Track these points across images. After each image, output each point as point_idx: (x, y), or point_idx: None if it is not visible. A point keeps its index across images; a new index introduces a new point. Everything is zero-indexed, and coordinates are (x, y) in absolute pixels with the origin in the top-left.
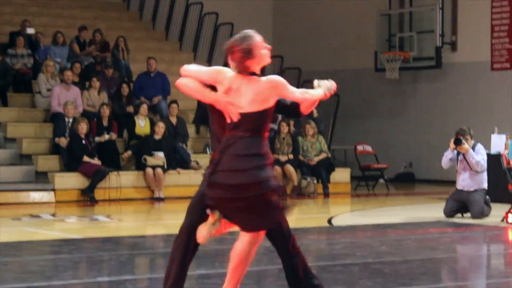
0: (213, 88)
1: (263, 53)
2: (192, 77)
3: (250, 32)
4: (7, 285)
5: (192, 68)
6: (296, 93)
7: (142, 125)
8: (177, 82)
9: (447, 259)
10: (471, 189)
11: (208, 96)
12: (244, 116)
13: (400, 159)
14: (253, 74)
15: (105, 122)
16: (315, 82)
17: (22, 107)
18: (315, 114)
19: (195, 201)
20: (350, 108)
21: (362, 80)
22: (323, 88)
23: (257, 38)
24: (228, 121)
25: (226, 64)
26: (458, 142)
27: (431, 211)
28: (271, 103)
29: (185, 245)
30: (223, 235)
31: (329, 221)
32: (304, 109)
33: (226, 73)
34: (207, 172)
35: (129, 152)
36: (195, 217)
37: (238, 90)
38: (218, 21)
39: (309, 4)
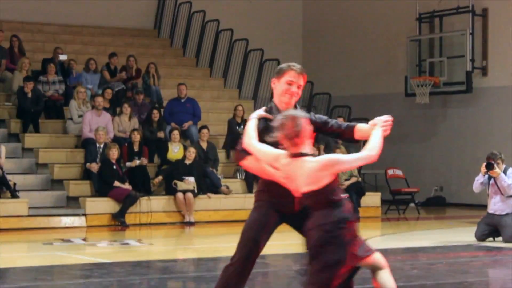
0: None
1: (310, 128)
2: (254, 156)
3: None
4: None
5: (258, 147)
6: (355, 161)
7: (175, 151)
8: (249, 146)
9: (479, 283)
10: (503, 213)
11: (270, 175)
12: (306, 195)
13: (431, 183)
14: (303, 154)
15: (136, 148)
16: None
17: (54, 133)
18: None
19: (251, 231)
20: None
21: (392, 105)
22: (378, 123)
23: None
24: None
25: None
26: (489, 167)
27: (462, 235)
28: (327, 180)
29: (243, 275)
30: None
31: None
32: (359, 137)
33: (282, 160)
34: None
35: (160, 177)
36: (253, 248)
37: (293, 175)
38: (248, 47)
39: (339, 29)
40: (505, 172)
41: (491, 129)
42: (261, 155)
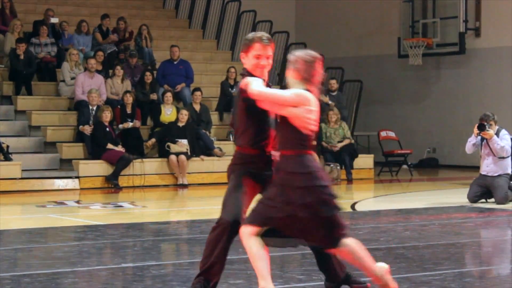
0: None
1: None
2: (267, 100)
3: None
4: (33, 271)
5: (266, 91)
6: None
7: (168, 113)
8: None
9: (471, 244)
10: (495, 174)
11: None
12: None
13: (424, 145)
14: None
15: (128, 110)
16: None
17: (47, 95)
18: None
19: (234, 193)
20: (373, 94)
21: (385, 66)
22: None
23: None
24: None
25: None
26: (481, 128)
27: (454, 196)
28: None
29: (228, 238)
30: None
31: (353, 206)
32: None
33: (309, 96)
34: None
35: (153, 140)
36: (238, 211)
37: (315, 110)
38: (241, 8)
39: None
40: (498, 133)
41: (484, 90)
42: (282, 98)
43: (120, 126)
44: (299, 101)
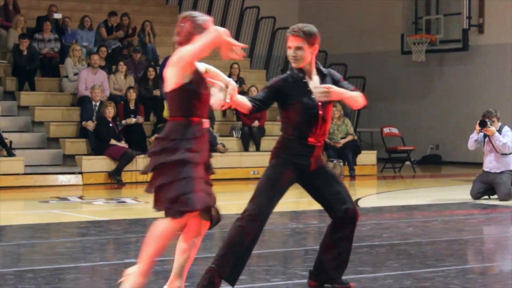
0: None
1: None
2: None
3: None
4: (35, 267)
5: None
6: (190, 50)
7: None
8: None
9: (474, 240)
10: (498, 171)
11: None
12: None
13: (427, 141)
14: None
15: (131, 106)
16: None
17: (50, 91)
18: None
19: (266, 185)
20: (376, 91)
21: (389, 63)
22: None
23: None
24: None
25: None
26: (483, 124)
27: (457, 193)
28: (171, 85)
29: (257, 231)
30: None
31: (356, 202)
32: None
33: None
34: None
35: (156, 136)
36: (265, 202)
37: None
38: (244, 4)
39: None
40: (500, 130)
41: (487, 87)
42: None
43: (123, 122)
44: None
